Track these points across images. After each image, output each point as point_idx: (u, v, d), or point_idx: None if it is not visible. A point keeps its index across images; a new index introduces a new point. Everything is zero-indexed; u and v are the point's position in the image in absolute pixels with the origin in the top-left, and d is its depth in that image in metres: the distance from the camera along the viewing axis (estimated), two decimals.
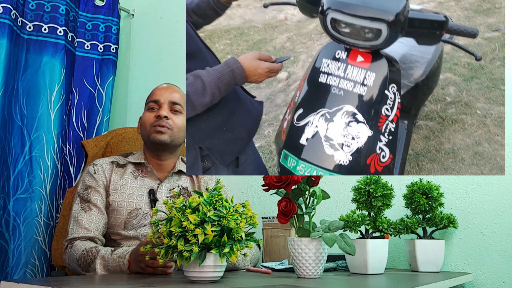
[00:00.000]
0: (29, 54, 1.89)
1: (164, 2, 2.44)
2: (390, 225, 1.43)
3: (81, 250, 1.38)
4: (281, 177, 1.15)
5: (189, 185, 1.62)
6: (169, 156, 1.59)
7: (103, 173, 1.53)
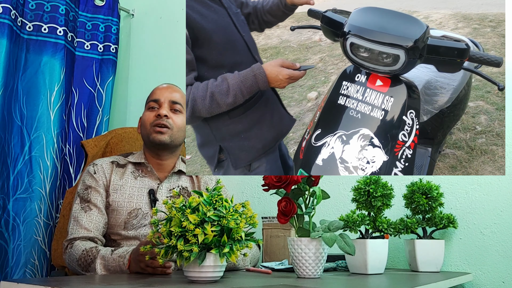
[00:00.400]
0: (28, 54, 1.89)
1: (164, 2, 2.44)
2: (390, 225, 1.43)
3: (81, 250, 1.38)
4: (281, 177, 1.15)
5: (189, 185, 1.62)
6: (169, 156, 1.59)
7: (103, 173, 1.53)
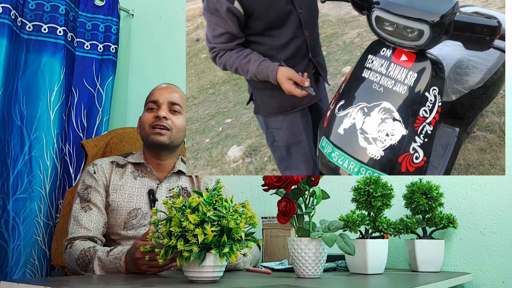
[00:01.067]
0: (28, 54, 1.89)
1: (164, 2, 2.43)
2: (390, 225, 1.43)
3: (80, 250, 1.38)
4: (281, 177, 1.15)
5: (188, 185, 1.62)
6: (169, 156, 1.59)
7: (103, 173, 1.53)
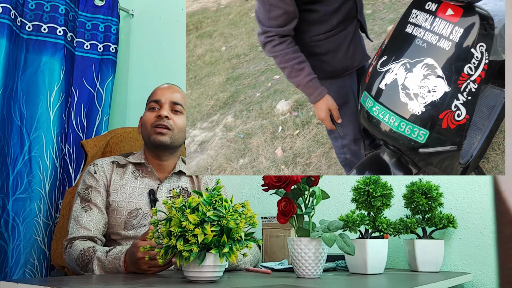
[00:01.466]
0: (28, 54, 1.89)
1: (164, 2, 2.43)
2: (390, 225, 1.43)
3: (79, 250, 1.38)
4: (281, 177, 1.15)
5: (189, 185, 1.62)
6: (170, 156, 1.59)
7: (104, 173, 1.53)
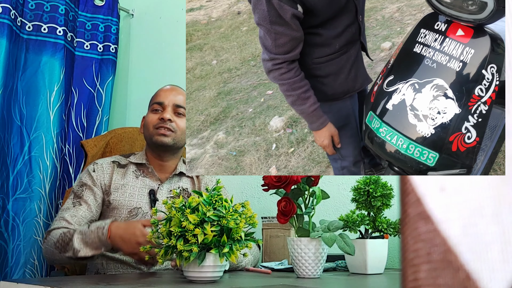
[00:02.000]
0: (28, 54, 1.89)
1: (164, 2, 2.43)
2: (390, 225, 1.43)
3: (59, 234, 1.37)
4: (281, 177, 1.15)
5: (189, 186, 1.62)
6: (171, 157, 1.60)
7: (103, 173, 1.54)
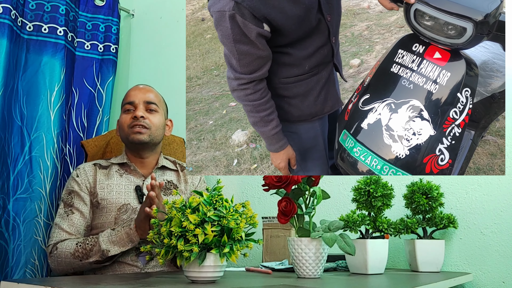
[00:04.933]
0: (29, 54, 1.88)
1: (164, 2, 2.43)
2: (390, 225, 1.43)
3: (74, 244, 1.43)
4: (281, 177, 1.15)
5: (174, 178, 1.65)
6: (150, 153, 1.63)
7: (86, 176, 1.57)
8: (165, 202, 1.07)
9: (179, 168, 1.70)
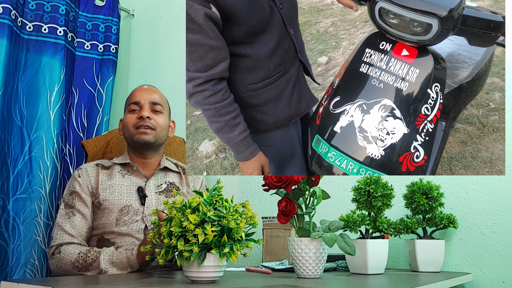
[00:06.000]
0: (29, 54, 1.88)
1: (164, 2, 2.43)
2: (390, 225, 1.43)
3: (76, 253, 1.40)
4: (281, 177, 1.15)
5: (177, 180, 1.65)
6: (153, 154, 1.63)
7: (88, 176, 1.56)
8: (165, 202, 1.07)
9: (181, 171, 1.70)
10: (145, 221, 1.51)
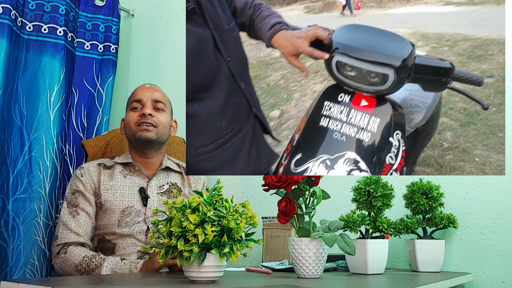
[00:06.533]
0: (28, 54, 1.88)
1: (164, 2, 2.43)
2: (390, 225, 1.43)
3: (81, 256, 1.40)
4: (281, 177, 1.15)
5: (179, 181, 1.64)
6: (155, 153, 1.62)
7: (90, 176, 1.55)
8: (165, 202, 1.07)
9: (183, 171, 1.69)
10: (147, 222, 1.51)
